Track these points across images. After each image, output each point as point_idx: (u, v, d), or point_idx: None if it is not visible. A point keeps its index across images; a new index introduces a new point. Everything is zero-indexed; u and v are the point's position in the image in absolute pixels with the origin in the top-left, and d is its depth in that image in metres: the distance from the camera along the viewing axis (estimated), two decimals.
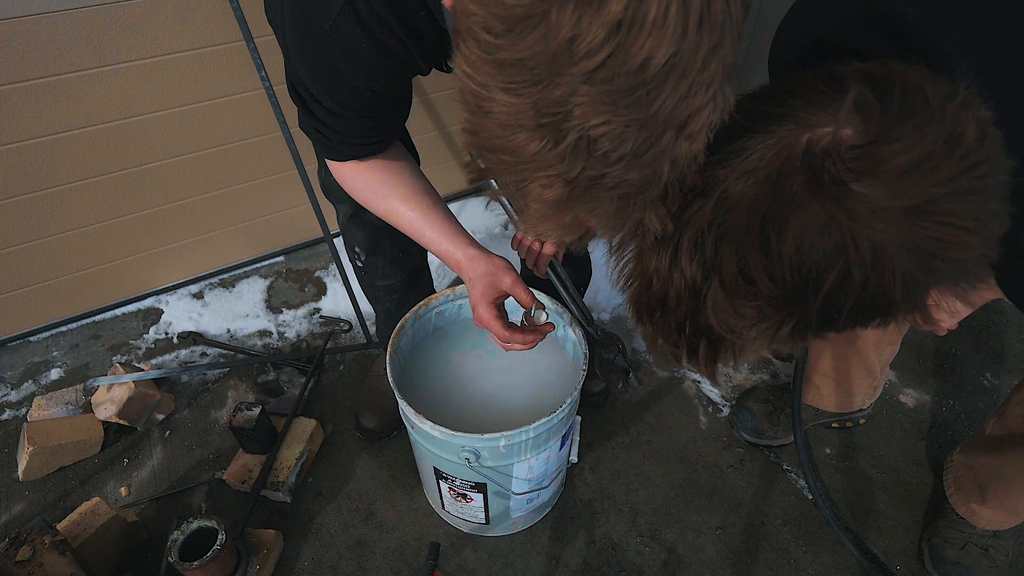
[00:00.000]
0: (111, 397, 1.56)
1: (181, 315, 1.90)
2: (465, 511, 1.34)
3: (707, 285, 0.56)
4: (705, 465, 1.57)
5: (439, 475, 1.25)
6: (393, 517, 1.47)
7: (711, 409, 1.69)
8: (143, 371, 1.67)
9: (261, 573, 1.31)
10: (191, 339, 1.83)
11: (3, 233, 1.60)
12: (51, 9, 1.33)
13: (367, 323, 1.82)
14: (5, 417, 1.66)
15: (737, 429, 1.61)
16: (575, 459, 1.31)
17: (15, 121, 1.44)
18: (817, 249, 0.50)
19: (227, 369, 1.76)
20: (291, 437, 1.53)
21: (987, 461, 1.29)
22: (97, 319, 1.90)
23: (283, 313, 1.93)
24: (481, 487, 1.23)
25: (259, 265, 2.06)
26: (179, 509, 1.47)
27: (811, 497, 1.50)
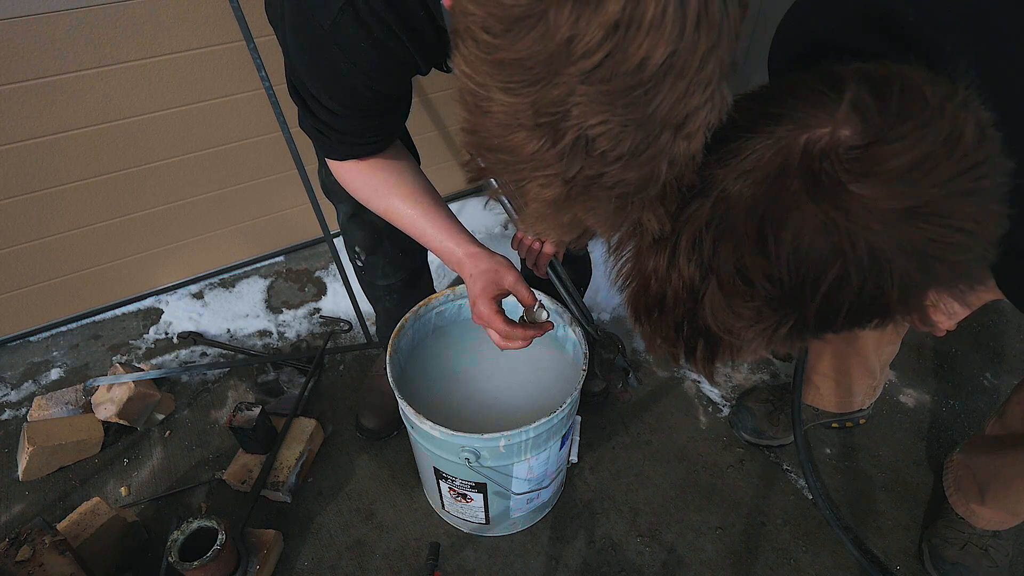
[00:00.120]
0: (111, 397, 1.56)
1: (181, 315, 1.90)
2: (465, 511, 1.34)
3: (705, 285, 0.56)
4: (705, 465, 1.57)
5: (439, 475, 1.25)
6: (393, 517, 1.47)
7: (711, 409, 1.69)
8: (143, 371, 1.67)
9: (261, 573, 1.31)
10: (191, 339, 1.83)
11: (3, 233, 1.60)
12: (51, 9, 1.33)
13: (367, 323, 1.82)
14: (5, 417, 1.66)
15: (737, 429, 1.61)
16: (575, 459, 1.31)
17: (15, 121, 1.44)
18: (814, 250, 0.50)
19: (227, 369, 1.76)
20: (291, 437, 1.53)
21: (987, 461, 1.29)
22: (97, 319, 1.90)
23: (283, 313, 1.93)
24: (481, 487, 1.23)
25: (259, 265, 2.06)
26: (179, 509, 1.47)
27: (811, 497, 1.50)
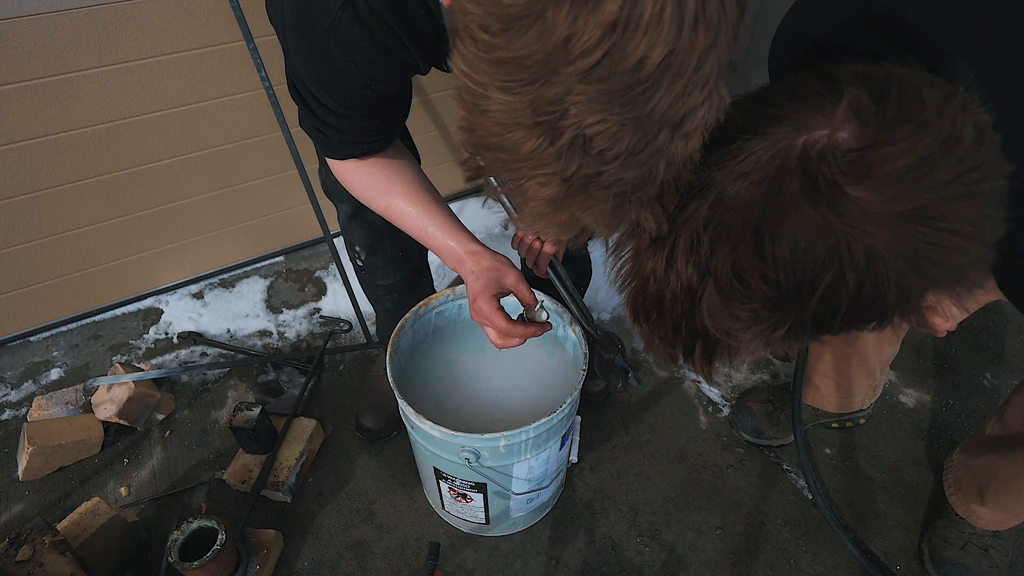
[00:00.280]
0: (111, 397, 1.56)
1: (181, 315, 1.90)
2: (465, 511, 1.34)
3: (702, 287, 0.56)
4: (705, 465, 1.57)
5: (439, 475, 1.25)
6: (393, 517, 1.47)
7: (711, 409, 1.69)
8: (143, 371, 1.67)
9: (261, 573, 1.31)
10: (191, 339, 1.83)
11: (3, 233, 1.60)
12: (51, 9, 1.33)
13: (367, 323, 1.82)
14: (5, 417, 1.66)
15: (737, 429, 1.61)
16: (575, 459, 1.31)
17: (15, 121, 1.44)
18: (811, 252, 0.50)
19: (227, 369, 1.76)
20: (291, 437, 1.53)
21: (987, 461, 1.29)
22: (97, 319, 1.90)
23: (283, 313, 1.93)
24: (481, 487, 1.23)
25: (259, 265, 2.07)
26: (179, 509, 1.47)
27: (811, 497, 1.50)
